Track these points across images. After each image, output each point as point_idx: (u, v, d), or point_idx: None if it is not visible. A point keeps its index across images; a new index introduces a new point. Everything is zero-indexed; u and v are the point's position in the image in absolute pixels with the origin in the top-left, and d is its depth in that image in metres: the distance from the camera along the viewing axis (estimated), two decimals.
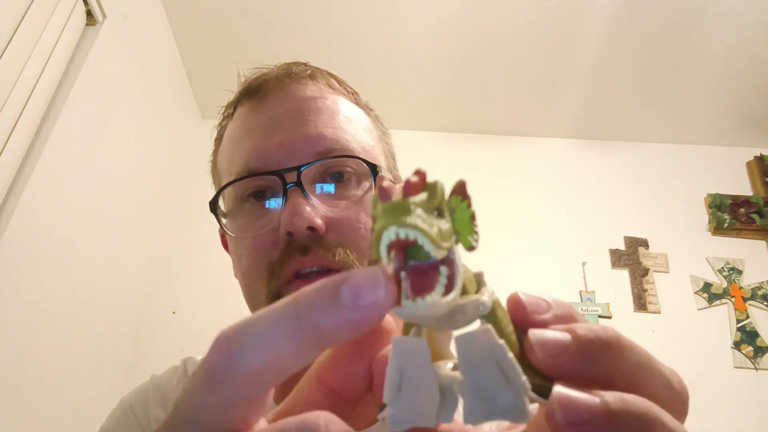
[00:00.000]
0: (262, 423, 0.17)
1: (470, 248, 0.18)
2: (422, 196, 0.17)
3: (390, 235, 0.16)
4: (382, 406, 0.18)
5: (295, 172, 0.46)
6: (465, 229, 0.18)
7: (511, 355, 0.16)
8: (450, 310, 0.17)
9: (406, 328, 0.18)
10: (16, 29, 1.05)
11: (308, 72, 0.53)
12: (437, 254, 0.16)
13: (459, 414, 0.17)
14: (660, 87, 1.84)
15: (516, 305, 0.18)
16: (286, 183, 0.46)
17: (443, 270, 0.17)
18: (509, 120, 2.00)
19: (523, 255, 1.75)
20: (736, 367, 1.60)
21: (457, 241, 0.17)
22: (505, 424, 0.20)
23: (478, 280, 0.19)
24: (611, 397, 0.16)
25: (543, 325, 0.18)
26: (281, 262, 0.45)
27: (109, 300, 1.42)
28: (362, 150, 0.50)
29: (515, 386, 0.16)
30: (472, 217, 0.18)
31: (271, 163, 0.47)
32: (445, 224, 0.17)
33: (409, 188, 0.17)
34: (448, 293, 0.16)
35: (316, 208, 0.45)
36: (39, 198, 1.11)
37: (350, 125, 0.51)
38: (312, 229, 0.44)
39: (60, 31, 1.18)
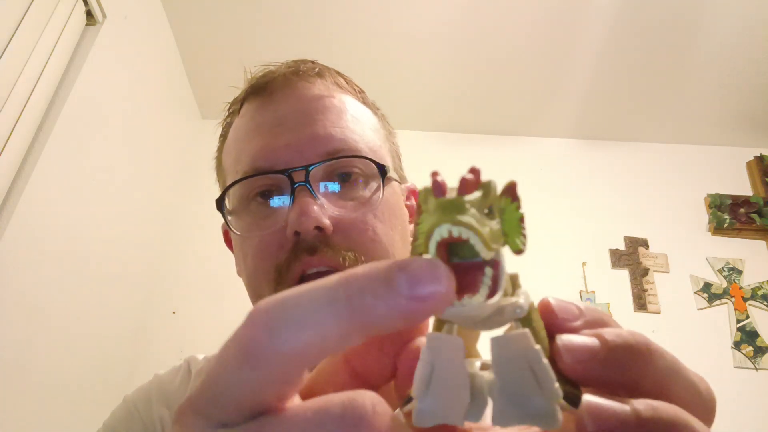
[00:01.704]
0: (296, 399, 0.17)
1: (518, 251, 0.17)
2: (476, 194, 0.17)
3: (442, 232, 0.16)
4: (408, 400, 0.17)
5: (303, 171, 0.45)
6: (513, 231, 0.17)
7: (545, 361, 0.16)
8: (484, 308, 0.17)
9: (438, 325, 0.18)
10: (16, 29, 1.05)
11: (316, 70, 0.53)
12: (486, 255, 0.16)
13: (487, 415, 0.17)
14: (660, 87, 1.84)
15: (546, 311, 0.18)
16: (293, 182, 0.45)
17: (488, 271, 0.16)
18: (509, 120, 2.00)
19: (523, 255, 1.75)
20: (736, 367, 1.60)
21: (504, 243, 0.17)
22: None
23: (514, 282, 0.18)
24: (641, 404, 0.15)
25: (573, 332, 0.17)
26: (288, 263, 0.45)
27: (109, 300, 1.42)
28: (370, 150, 0.49)
29: (547, 392, 0.16)
30: (521, 220, 0.18)
31: (279, 163, 0.47)
32: (495, 225, 0.17)
33: (465, 186, 0.17)
34: (492, 295, 0.16)
35: (323, 208, 0.45)
36: (39, 198, 1.11)
37: (358, 125, 0.50)
38: (320, 229, 0.44)
39: (60, 31, 1.18)
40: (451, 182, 0.17)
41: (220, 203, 0.50)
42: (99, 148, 1.35)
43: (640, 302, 1.71)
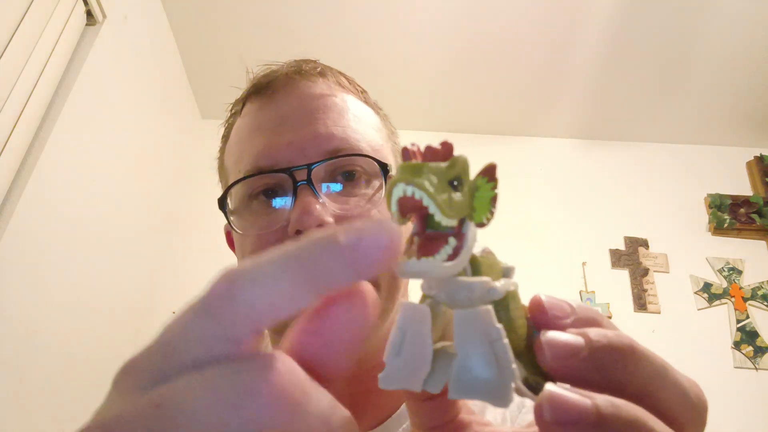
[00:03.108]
0: None
1: (480, 225, 0.18)
2: (441, 164, 0.17)
3: (398, 191, 0.17)
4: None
5: (305, 170, 0.45)
6: (482, 208, 0.18)
7: (506, 340, 0.16)
8: (455, 283, 0.18)
9: (423, 300, 0.19)
10: (16, 29, 1.05)
11: (318, 69, 0.53)
12: (442, 219, 0.17)
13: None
14: (660, 87, 1.84)
15: (536, 307, 0.18)
16: (296, 181, 0.45)
17: (451, 241, 0.17)
18: (509, 120, 2.00)
19: (523, 255, 1.75)
20: (736, 367, 1.60)
21: (470, 217, 0.18)
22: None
23: (506, 274, 0.19)
24: (602, 400, 0.15)
25: (561, 329, 0.17)
26: None
27: (109, 300, 1.42)
28: (371, 149, 0.49)
29: (503, 371, 0.16)
30: (494, 199, 0.18)
31: (281, 162, 0.47)
32: (459, 196, 0.17)
33: (429, 154, 0.18)
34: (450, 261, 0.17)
35: (326, 207, 0.45)
36: (39, 198, 1.11)
37: (360, 124, 0.50)
38: (322, 227, 0.44)
39: (60, 31, 1.18)
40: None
41: (222, 203, 0.50)
42: (99, 147, 1.35)
43: (640, 302, 1.71)
